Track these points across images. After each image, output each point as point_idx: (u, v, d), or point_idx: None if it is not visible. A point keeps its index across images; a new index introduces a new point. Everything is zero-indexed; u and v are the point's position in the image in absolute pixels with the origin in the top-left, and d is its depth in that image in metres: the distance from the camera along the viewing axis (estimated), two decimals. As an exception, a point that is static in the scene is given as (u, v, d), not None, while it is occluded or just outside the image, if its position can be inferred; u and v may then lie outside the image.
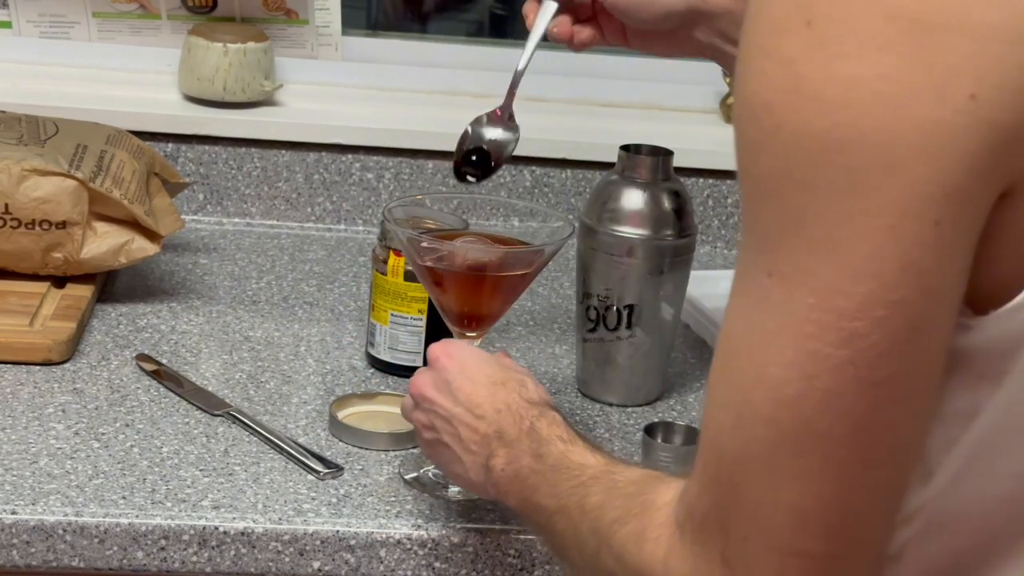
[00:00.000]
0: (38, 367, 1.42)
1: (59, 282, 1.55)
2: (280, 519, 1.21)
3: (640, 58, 1.94)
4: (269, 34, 1.91)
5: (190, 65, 1.87)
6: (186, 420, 1.35)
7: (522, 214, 1.43)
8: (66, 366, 1.43)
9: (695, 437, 1.34)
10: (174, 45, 1.91)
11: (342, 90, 1.98)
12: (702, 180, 1.93)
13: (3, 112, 1.67)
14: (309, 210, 1.90)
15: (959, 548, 0.86)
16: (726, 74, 1.85)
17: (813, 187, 0.75)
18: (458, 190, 1.56)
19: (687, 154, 1.71)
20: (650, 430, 1.35)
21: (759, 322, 0.79)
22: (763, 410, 0.79)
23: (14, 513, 1.18)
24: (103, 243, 1.53)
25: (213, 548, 1.20)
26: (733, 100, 0.82)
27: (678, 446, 1.35)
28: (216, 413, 1.37)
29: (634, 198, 1.42)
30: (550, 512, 1.02)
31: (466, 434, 1.12)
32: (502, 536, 1.23)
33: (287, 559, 1.21)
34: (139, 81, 1.92)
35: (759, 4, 0.78)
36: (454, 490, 1.26)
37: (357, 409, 1.39)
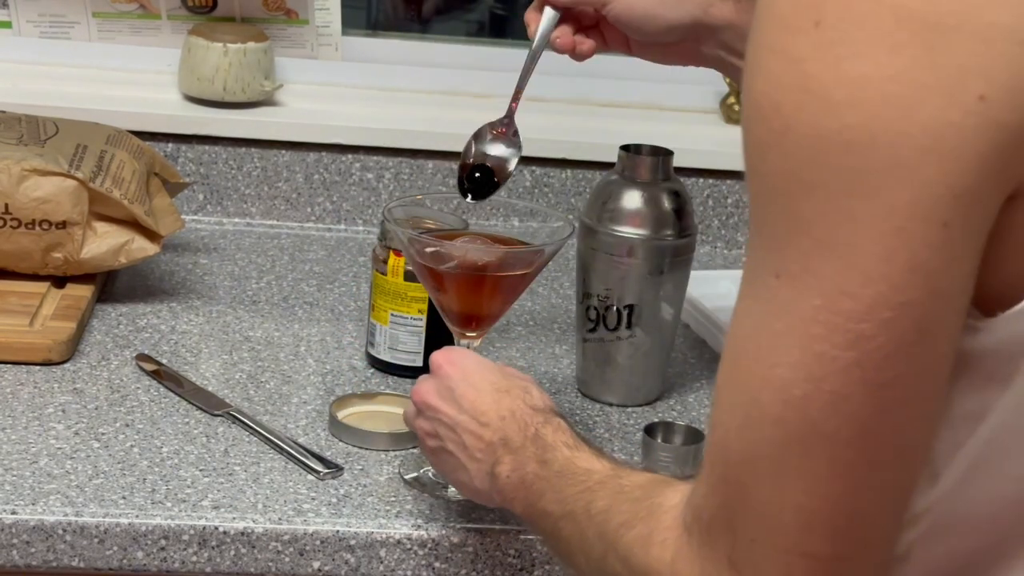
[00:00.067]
0: (38, 367, 1.42)
1: (59, 282, 1.55)
2: (280, 519, 1.21)
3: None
4: (269, 34, 1.91)
5: (190, 65, 1.87)
6: (186, 420, 1.35)
7: (522, 214, 1.43)
8: (66, 366, 1.43)
9: (695, 437, 1.34)
10: (174, 45, 1.91)
11: (342, 90, 1.97)
12: (702, 180, 1.93)
13: (3, 112, 1.66)
14: (309, 210, 1.89)
15: (966, 550, 0.86)
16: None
17: (821, 188, 0.75)
18: (458, 190, 1.56)
19: (687, 154, 1.71)
20: (650, 430, 1.35)
21: (767, 323, 0.79)
22: (771, 411, 0.78)
23: (14, 513, 1.18)
24: (103, 243, 1.53)
25: (213, 548, 1.20)
26: (741, 99, 0.82)
27: (678, 446, 1.35)
28: (216, 413, 1.36)
29: (634, 198, 1.42)
30: (556, 518, 1.01)
31: (471, 442, 1.12)
32: (502, 536, 1.23)
33: (287, 559, 1.21)
34: (139, 81, 1.91)
35: (768, 3, 0.77)
36: (454, 490, 1.25)
37: (357, 409, 1.39)
